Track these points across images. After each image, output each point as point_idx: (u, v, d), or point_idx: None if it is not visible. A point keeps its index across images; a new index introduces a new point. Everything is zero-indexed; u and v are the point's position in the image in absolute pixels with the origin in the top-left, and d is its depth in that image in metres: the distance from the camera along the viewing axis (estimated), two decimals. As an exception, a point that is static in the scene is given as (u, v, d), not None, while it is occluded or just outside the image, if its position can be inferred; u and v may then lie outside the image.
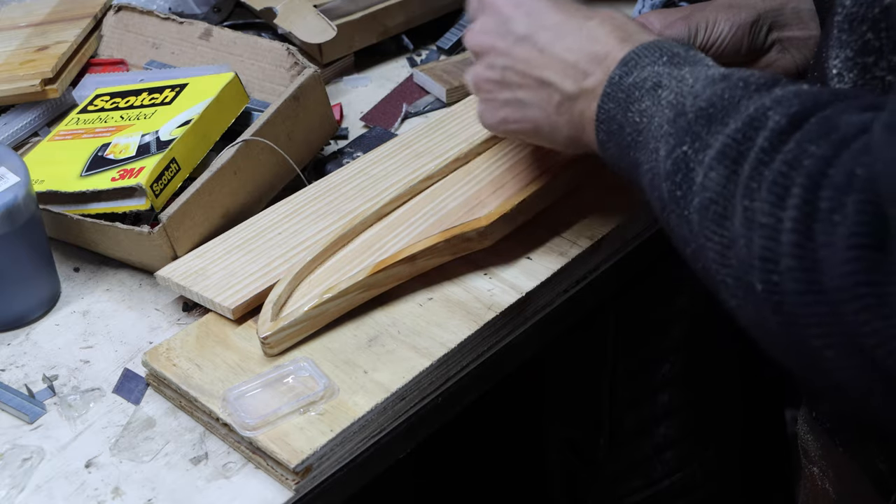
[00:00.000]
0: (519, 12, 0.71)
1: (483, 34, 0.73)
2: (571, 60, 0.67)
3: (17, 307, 0.82)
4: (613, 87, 0.63)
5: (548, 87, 0.68)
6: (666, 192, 0.56)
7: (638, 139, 0.61)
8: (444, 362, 0.74)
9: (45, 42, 1.05)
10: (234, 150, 0.86)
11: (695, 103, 0.56)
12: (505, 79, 0.71)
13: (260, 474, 0.69)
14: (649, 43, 0.64)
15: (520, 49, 0.70)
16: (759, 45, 0.93)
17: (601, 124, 0.64)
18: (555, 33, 0.69)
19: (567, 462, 1.24)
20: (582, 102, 0.66)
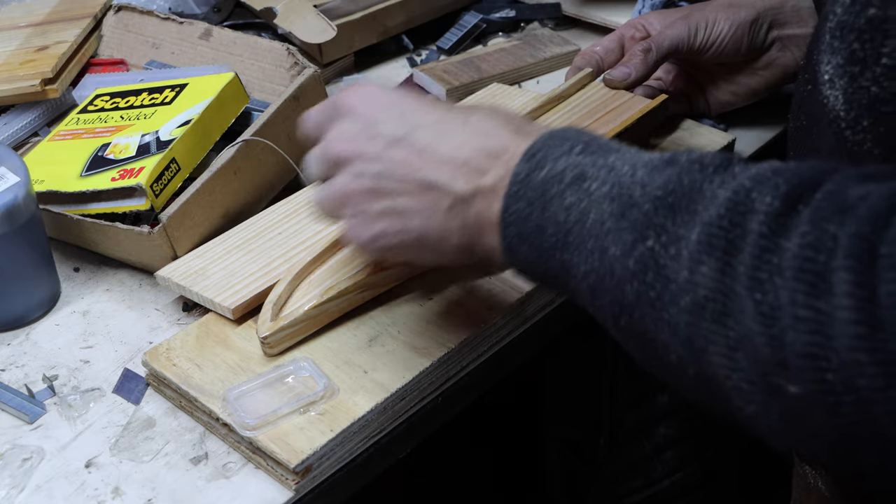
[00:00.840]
0: (388, 113, 0.63)
1: (346, 140, 0.64)
2: (462, 158, 0.60)
3: (17, 307, 0.82)
4: (521, 185, 0.57)
5: (434, 190, 0.61)
6: (632, 294, 0.51)
7: (566, 240, 0.55)
8: (444, 362, 0.74)
9: (45, 42, 1.05)
10: (234, 150, 0.86)
11: (647, 193, 0.51)
12: (379, 187, 0.62)
13: (260, 474, 0.69)
14: (551, 133, 0.59)
15: (395, 152, 0.62)
16: (759, 44, 0.93)
17: (509, 227, 0.57)
18: (435, 131, 0.62)
19: (567, 462, 1.24)
20: (479, 203, 0.59)
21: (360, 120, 0.64)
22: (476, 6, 1.21)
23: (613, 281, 0.52)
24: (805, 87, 0.64)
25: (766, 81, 0.95)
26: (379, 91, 0.65)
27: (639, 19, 0.96)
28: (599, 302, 0.53)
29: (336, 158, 0.64)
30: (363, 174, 0.63)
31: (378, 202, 0.63)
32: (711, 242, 0.48)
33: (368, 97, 0.65)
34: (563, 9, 1.20)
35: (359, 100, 0.65)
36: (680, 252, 0.49)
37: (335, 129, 0.65)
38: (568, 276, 0.55)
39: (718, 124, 0.98)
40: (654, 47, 0.91)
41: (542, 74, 1.12)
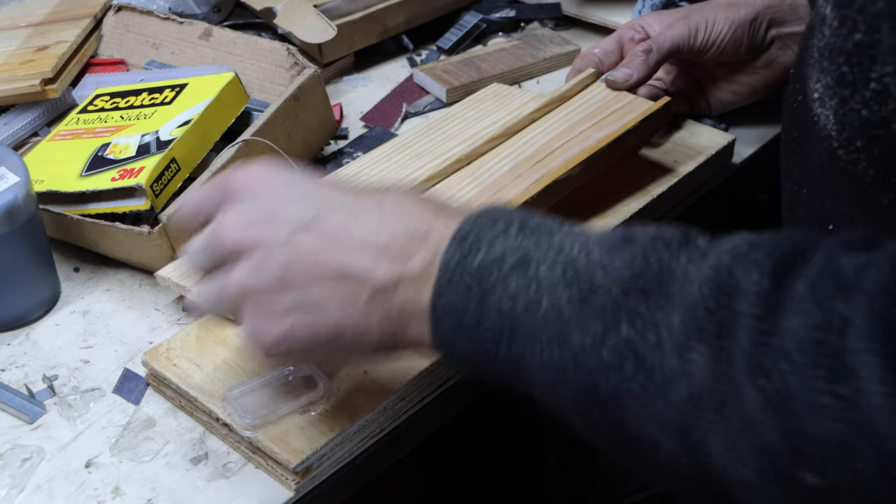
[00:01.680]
0: (291, 194, 0.57)
1: (243, 227, 0.56)
2: (381, 242, 0.54)
3: (17, 307, 0.82)
4: (454, 272, 0.51)
5: (351, 279, 0.54)
6: (607, 388, 0.47)
7: (514, 331, 0.50)
8: (444, 362, 0.73)
9: (45, 42, 1.05)
10: (234, 150, 0.86)
11: (610, 275, 0.48)
12: (286, 278, 0.55)
13: (260, 474, 0.69)
14: (480, 213, 0.54)
15: (303, 238, 0.55)
16: (759, 43, 0.93)
17: (442, 318, 0.52)
18: (347, 214, 0.55)
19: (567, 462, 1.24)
20: (404, 292, 0.54)
21: (258, 203, 0.56)
22: (476, 6, 1.21)
23: (580, 374, 0.48)
24: (795, 98, 0.64)
25: (766, 80, 0.95)
26: (275, 171, 0.59)
27: (637, 20, 0.96)
28: (560, 395, 0.49)
29: (231, 248, 0.56)
30: (266, 265, 0.55)
31: (285, 296, 0.55)
32: (700, 327, 0.44)
33: (264, 178, 0.58)
34: (563, 9, 1.20)
35: (253, 181, 0.58)
36: (661, 339, 0.45)
37: (228, 215, 0.57)
38: (516, 369, 0.51)
39: (719, 124, 0.98)
40: (655, 48, 0.91)
41: (542, 74, 1.12)
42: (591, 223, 0.85)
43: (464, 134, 0.91)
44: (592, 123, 0.87)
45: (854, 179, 0.56)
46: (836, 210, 0.60)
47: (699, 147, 0.94)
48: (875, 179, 0.54)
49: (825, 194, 0.60)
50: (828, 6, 0.54)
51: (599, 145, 0.83)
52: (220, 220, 0.58)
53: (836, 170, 0.57)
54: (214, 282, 0.58)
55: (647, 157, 0.93)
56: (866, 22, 0.50)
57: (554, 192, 0.82)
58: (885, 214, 0.56)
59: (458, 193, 0.83)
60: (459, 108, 0.97)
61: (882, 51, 0.50)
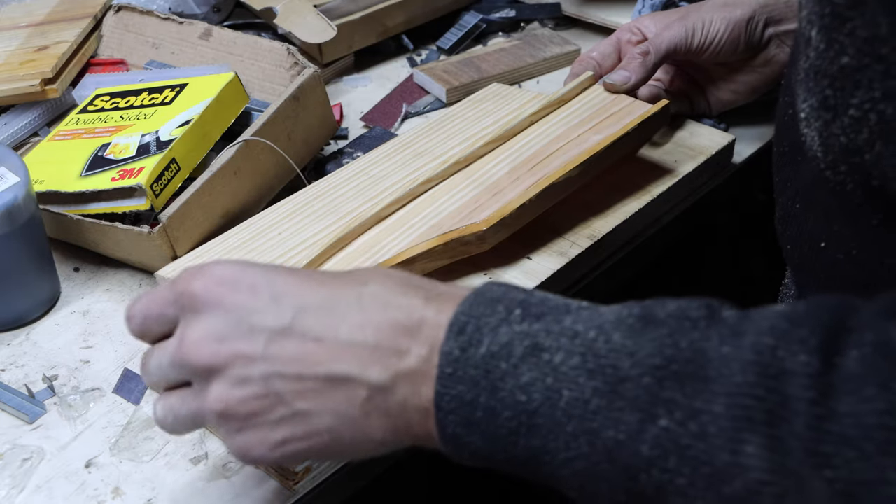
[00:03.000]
0: (260, 298, 0.51)
1: (214, 341, 0.51)
2: (370, 341, 0.50)
3: (17, 307, 0.82)
4: (458, 365, 0.48)
5: (344, 384, 0.50)
6: (650, 483, 0.44)
7: (533, 423, 0.47)
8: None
9: (45, 42, 1.05)
10: (234, 150, 0.86)
11: (639, 363, 0.45)
12: (271, 390, 0.51)
13: (260, 474, 0.69)
14: (473, 296, 0.50)
15: (283, 346, 0.51)
16: (757, 42, 0.93)
17: (450, 414, 0.49)
18: (327, 312, 0.51)
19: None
20: (402, 390, 0.50)
21: (226, 314, 0.51)
22: (476, 6, 1.21)
23: (617, 468, 0.45)
24: (786, 112, 0.63)
25: (765, 78, 0.96)
26: (234, 270, 0.53)
27: (634, 23, 0.96)
28: (592, 489, 0.47)
29: (203, 368, 0.52)
30: (247, 380, 0.51)
31: (273, 410, 0.51)
32: (748, 416, 0.42)
33: (225, 281, 0.52)
34: (563, 9, 1.20)
35: (214, 287, 0.52)
36: (705, 429, 0.43)
37: (192, 331, 0.52)
38: (539, 462, 0.48)
39: (719, 124, 0.98)
40: (653, 50, 0.91)
41: (542, 74, 1.12)
42: (591, 223, 0.85)
43: (464, 134, 0.91)
44: (590, 126, 0.87)
45: (843, 199, 0.55)
46: (827, 228, 0.59)
47: (699, 147, 0.94)
48: (863, 200, 0.53)
49: (818, 211, 0.60)
50: (813, 28, 0.53)
51: (597, 148, 0.83)
52: (183, 337, 0.52)
53: (825, 189, 0.56)
54: (186, 401, 0.54)
55: (647, 157, 0.93)
56: (855, 46, 0.49)
57: (552, 195, 0.82)
58: (876, 234, 0.55)
59: (457, 195, 0.83)
60: (459, 108, 0.97)
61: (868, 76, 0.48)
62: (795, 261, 0.65)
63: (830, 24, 0.51)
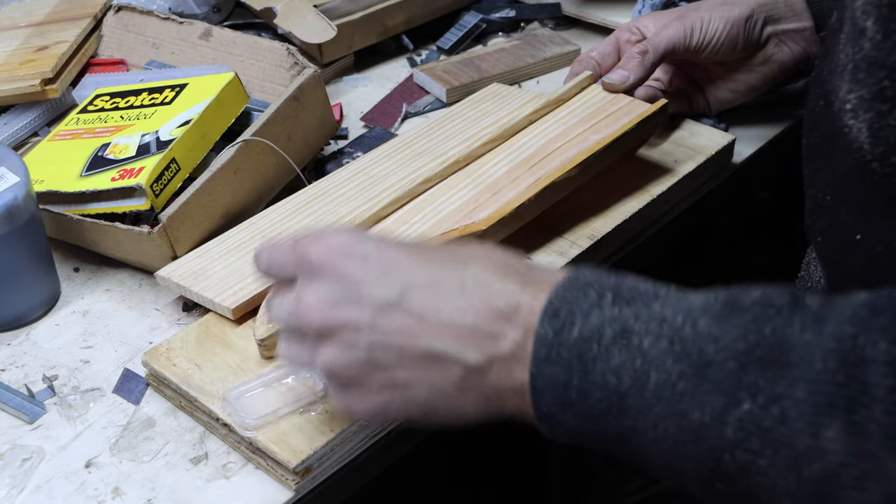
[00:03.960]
0: (370, 271, 0.55)
1: (326, 308, 0.55)
2: (468, 324, 0.53)
3: (17, 307, 0.82)
4: (551, 347, 0.51)
5: (441, 361, 0.54)
6: (733, 464, 0.46)
7: (623, 404, 0.49)
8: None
9: (45, 42, 1.05)
10: (234, 150, 0.86)
11: (723, 348, 0.47)
12: (375, 358, 0.55)
13: (260, 474, 0.69)
14: (567, 282, 0.52)
15: (389, 319, 0.54)
16: (755, 41, 0.93)
17: (544, 394, 0.51)
18: (431, 292, 0.54)
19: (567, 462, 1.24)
20: (497, 372, 0.53)
21: (339, 282, 0.55)
22: (476, 6, 1.21)
23: (702, 449, 0.47)
24: (817, 103, 0.63)
25: (764, 77, 0.96)
26: (349, 241, 0.57)
27: (633, 22, 0.96)
28: (679, 468, 0.49)
29: (318, 328, 0.56)
30: (354, 346, 0.55)
31: (375, 375, 0.55)
32: (829, 402, 0.44)
33: (340, 251, 0.56)
34: (563, 9, 1.20)
35: (330, 255, 0.56)
36: (786, 413, 0.45)
37: (308, 294, 0.56)
38: (629, 441, 0.50)
39: (719, 124, 0.98)
40: (651, 49, 0.91)
41: (542, 74, 1.12)
42: (591, 223, 0.85)
43: (464, 134, 0.91)
44: (589, 126, 0.87)
45: (887, 191, 0.55)
46: (864, 220, 0.59)
47: (699, 147, 0.94)
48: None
49: (851, 203, 0.60)
50: (869, 19, 0.53)
51: (596, 148, 0.83)
52: (299, 298, 0.57)
53: (866, 181, 0.56)
54: (301, 352, 0.58)
55: (647, 157, 0.93)
56: None
57: (551, 194, 0.82)
58: None
59: (456, 195, 0.83)
60: (459, 108, 0.97)
61: None
62: (827, 253, 0.64)
63: (889, 14, 0.51)
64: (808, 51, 0.93)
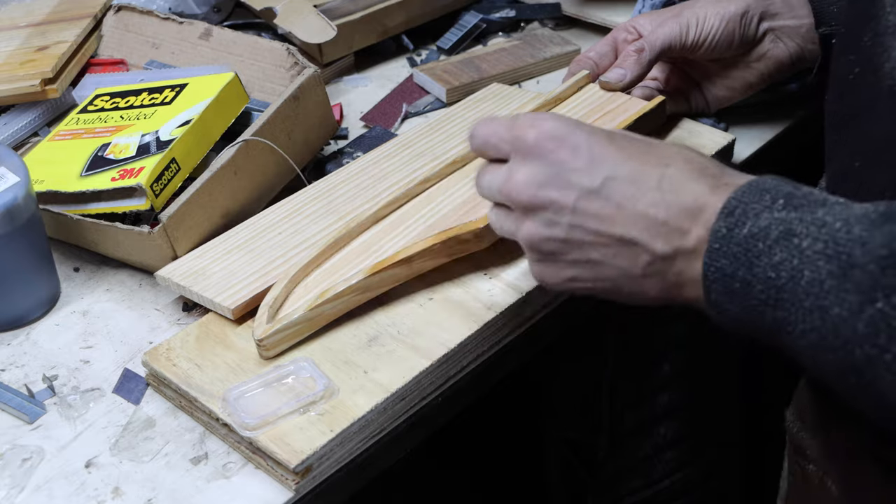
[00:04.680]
0: (579, 159, 0.61)
1: (535, 186, 0.62)
2: (660, 218, 0.59)
3: (17, 307, 0.82)
4: (723, 242, 0.56)
5: (632, 247, 0.60)
6: (862, 357, 0.50)
7: (780, 297, 0.53)
8: (444, 362, 0.74)
9: (45, 42, 1.05)
10: (234, 150, 0.86)
11: (869, 252, 0.50)
12: (572, 237, 0.61)
13: (260, 474, 0.69)
14: (748, 185, 0.57)
15: (590, 204, 0.60)
16: (751, 36, 0.93)
17: (714, 283, 0.56)
18: (631, 185, 0.60)
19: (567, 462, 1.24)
20: (680, 263, 0.59)
21: (549, 165, 0.61)
22: (476, 6, 1.21)
23: (839, 341, 0.51)
24: (851, 70, 0.64)
25: (760, 74, 0.96)
26: (563, 129, 0.62)
27: (630, 22, 0.96)
28: (822, 360, 0.53)
29: (525, 204, 0.62)
30: (555, 224, 0.61)
31: (570, 252, 0.62)
32: None
33: (554, 137, 0.62)
34: (563, 9, 1.20)
35: (544, 140, 0.62)
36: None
37: (520, 173, 0.62)
38: (782, 332, 0.54)
39: (718, 123, 0.98)
40: (648, 47, 0.91)
41: (542, 74, 1.12)
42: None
43: (464, 134, 0.91)
44: (588, 124, 0.87)
45: None
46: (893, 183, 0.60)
47: (699, 147, 0.94)
48: None
49: (884, 168, 0.61)
50: None
51: (598, 145, 0.83)
52: (510, 175, 0.63)
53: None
54: (507, 220, 0.65)
55: (647, 157, 0.92)
56: None
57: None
58: None
59: (454, 195, 0.83)
60: (459, 108, 0.97)
61: None
62: None
63: None
64: (804, 48, 0.93)
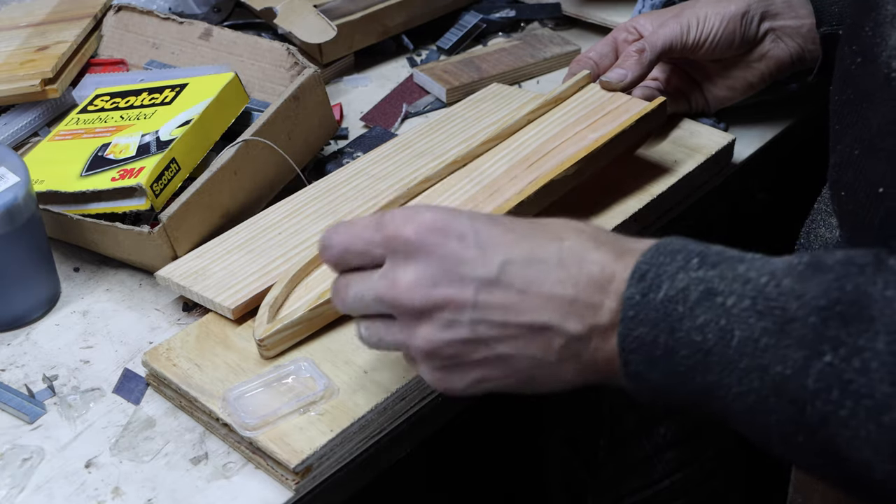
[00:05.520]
0: (468, 249, 0.56)
1: (427, 286, 0.56)
2: (569, 295, 0.55)
3: (17, 307, 0.82)
4: (638, 309, 0.53)
5: (543, 333, 0.56)
6: (815, 414, 0.48)
7: (708, 360, 0.51)
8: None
9: (45, 42, 1.05)
10: (234, 150, 0.86)
11: (806, 305, 0.49)
12: (476, 336, 0.56)
13: (260, 474, 0.69)
14: (655, 248, 0.55)
15: (491, 296, 0.56)
16: (752, 37, 0.93)
17: (632, 353, 0.54)
18: (530, 267, 0.56)
19: (567, 462, 1.24)
20: (595, 340, 0.55)
21: (437, 261, 0.56)
22: (476, 6, 1.21)
23: (783, 401, 0.49)
24: (853, 60, 0.64)
25: (761, 74, 0.96)
26: (443, 219, 0.57)
27: (630, 22, 0.96)
28: (762, 422, 0.51)
29: (417, 309, 0.57)
30: (455, 324, 0.56)
31: (476, 352, 0.57)
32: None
33: (435, 230, 0.57)
34: (563, 9, 1.20)
35: (425, 234, 0.57)
36: (867, 365, 0.47)
37: (404, 274, 0.57)
38: (712, 397, 0.52)
39: (718, 123, 0.98)
40: (648, 47, 0.91)
41: (542, 74, 1.12)
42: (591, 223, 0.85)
43: (464, 134, 0.91)
44: (587, 125, 0.87)
45: None
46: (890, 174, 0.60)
47: (699, 147, 0.94)
48: None
49: (881, 156, 0.60)
50: None
51: (594, 146, 0.83)
52: (395, 279, 0.57)
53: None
54: (392, 332, 0.59)
55: (647, 157, 0.93)
56: None
57: (549, 193, 0.82)
58: None
59: (455, 195, 0.83)
60: (459, 108, 0.97)
61: None
62: (849, 207, 0.65)
63: None
64: (804, 48, 0.93)
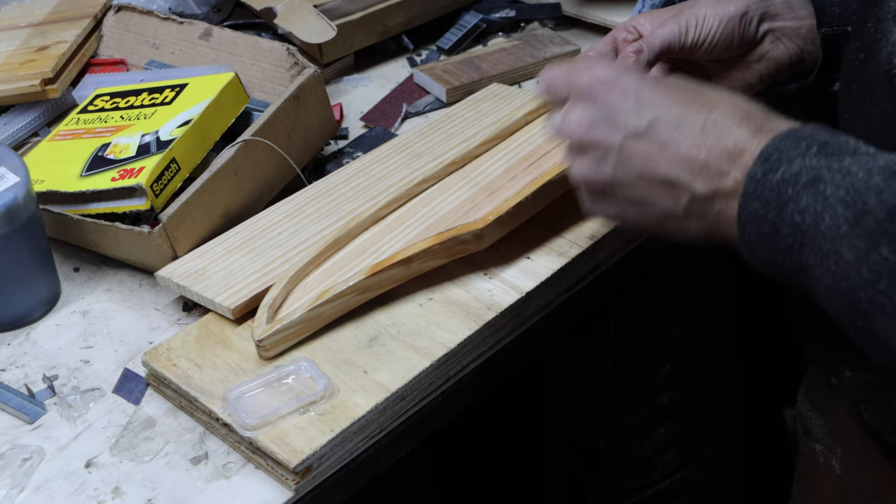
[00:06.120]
0: (627, 101, 0.64)
1: (585, 126, 0.65)
2: (701, 159, 0.61)
3: (17, 307, 0.82)
4: (757, 185, 0.58)
5: (673, 188, 0.62)
6: (865, 301, 0.53)
7: (803, 241, 0.56)
8: (444, 362, 0.74)
9: (45, 42, 1.05)
10: (234, 150, 0.86)
11: (883, 202, 0.53)
12: (618, 178, 0.64)
13: (260, 474, 0.69)
14: (788, 132, 0.59)
15: (635, 145, 0.63)
16: (751, 37, 0.93)
17: (746, 225, 0.59)
18: (676, 127, 0.62)
19: (567, 462, 1.24)
20: (718, 203, 0.61)
21: (599, 107, 0.64)
22: (476, 6, 1.21)
23: (848, 286, 0.53)
24: (857, 56, 0.65)
25: (759, 74, 0.95)
26: (614, 74, 0.65)
27: (629, 22, 0.96)
28: (836, 304, 0.55)
29: (576, 143, 0.66)
30: (601, 164, 0.64)
31: (616, 191, 0.65)
32: None
33: (605, 82, 0.65)
34: (563, 9, 1.20)
35: (596, 84, 0.65)
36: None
37: (573, 113, 0.66)
38: (804, 276, 0.57)
39: (718, 124, 0.98)
40: (647, 48, 0.91)
41: (542, 74, 1.12)
42: (591, 223, 0.85)
43: (464, 134, 0.91)
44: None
45: None
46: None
47: (699, 147, 0.94)
48: None
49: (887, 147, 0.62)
50: None
51: (597, 145, 0.83)
52: (565, 116, 0.66)
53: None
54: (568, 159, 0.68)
55: (647, 157, 0.92)
56: None
57: (548, 193, 0.82)
58: None
59: (454, 195, 0.83)
60: (459, 108, 0.97)
61: None
62: None
63: None
64: (803, 49, 0.93)
